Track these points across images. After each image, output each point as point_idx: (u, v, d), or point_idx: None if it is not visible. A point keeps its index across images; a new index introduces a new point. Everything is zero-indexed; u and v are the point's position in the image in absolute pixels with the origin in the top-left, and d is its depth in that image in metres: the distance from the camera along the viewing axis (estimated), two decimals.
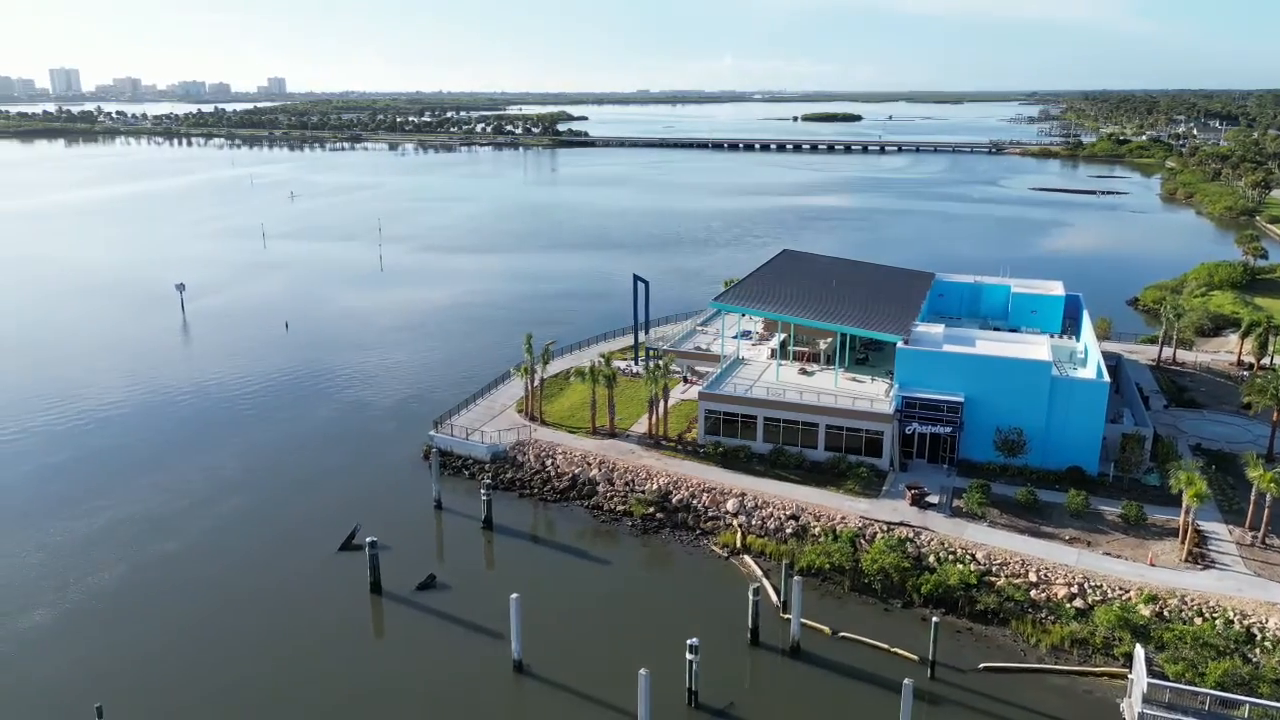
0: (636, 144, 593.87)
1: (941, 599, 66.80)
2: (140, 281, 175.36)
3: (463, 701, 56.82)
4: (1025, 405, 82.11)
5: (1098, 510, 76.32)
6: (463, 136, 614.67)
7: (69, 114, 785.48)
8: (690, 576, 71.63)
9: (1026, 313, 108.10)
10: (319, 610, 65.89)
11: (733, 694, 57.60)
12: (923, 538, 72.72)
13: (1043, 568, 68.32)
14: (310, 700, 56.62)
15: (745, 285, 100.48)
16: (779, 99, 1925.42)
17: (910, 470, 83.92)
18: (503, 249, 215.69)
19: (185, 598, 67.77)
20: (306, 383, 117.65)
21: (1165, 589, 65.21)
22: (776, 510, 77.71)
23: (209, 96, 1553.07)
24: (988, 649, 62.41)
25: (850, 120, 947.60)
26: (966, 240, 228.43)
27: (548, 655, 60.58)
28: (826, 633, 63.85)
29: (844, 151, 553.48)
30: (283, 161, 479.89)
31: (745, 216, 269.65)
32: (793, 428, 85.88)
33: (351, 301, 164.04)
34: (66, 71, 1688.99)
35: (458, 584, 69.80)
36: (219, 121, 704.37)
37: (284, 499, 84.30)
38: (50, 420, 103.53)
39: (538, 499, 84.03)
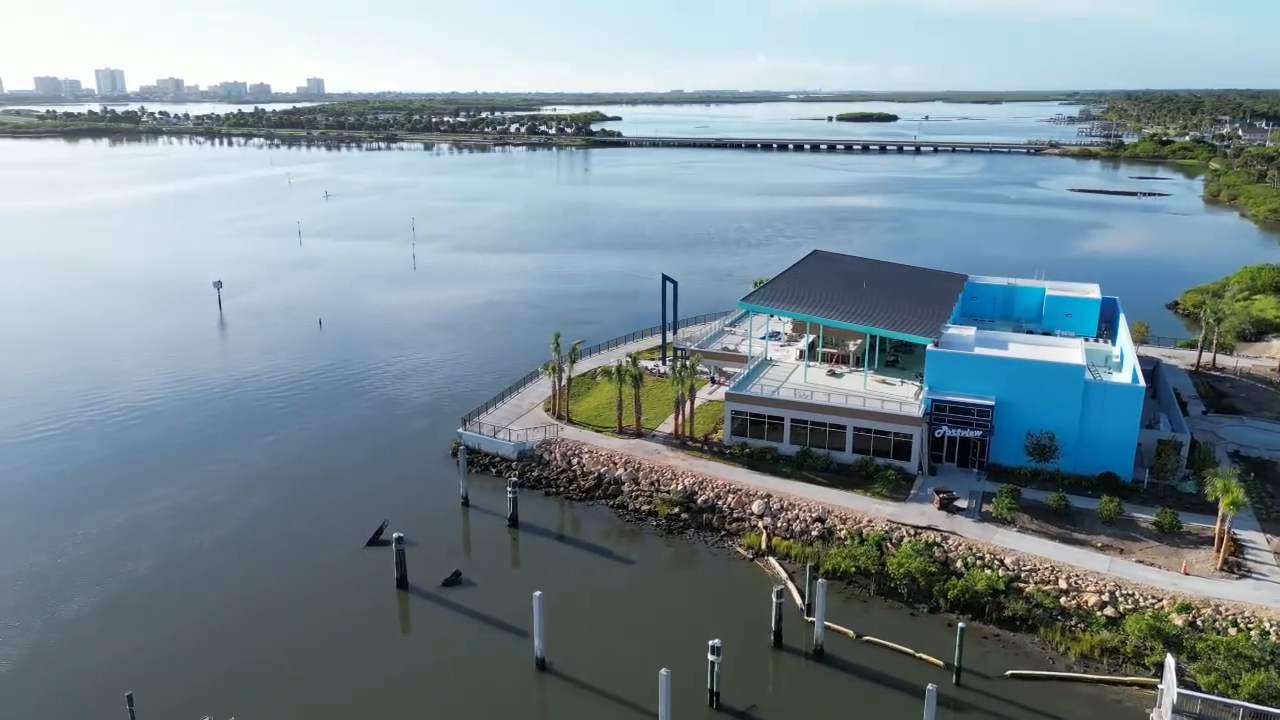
0: (669, 144, 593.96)
1: (968, 605, 66.02)
2: (179, 279, 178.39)
3: (485, 698, 57.10)
4: (1057, 409, 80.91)
5: (1131, 517, 75.02)
6: (497, 137, 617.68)
7: (113, 114, 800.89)
8: (714, 578, 71.44)
9: (1061, 316, 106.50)
10: (346, 604, 66.57)
11: (754, 696, 57.37)
12: (950, 542, 71.95)
13: (1073, 575, 67.28)
14: (335, 693, 57.21)
15: (773, 286, 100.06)
16: (814, 99, 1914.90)
17: (939, 474, 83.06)
18: (534, 249, 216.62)
19: (216, 590, 68.81)
20: (339, 379, 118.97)
21: (1199, 598, 63.94)
22: (802, 512, 77.28)
23: (249, 97, 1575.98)
24: (1015, 656, 61.58)
25: (886, 120, 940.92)
26: (1001, 242, 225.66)
27: (570, 653, 60.74)
28: (851, 636, 63.39)
29: (879, 152, 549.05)
30: (319, 161, 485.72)
31: (777, 217, 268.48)
32: (820, 429, 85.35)
33: (384, 300, 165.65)
34: (111, 72, 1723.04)
35: (483, 581, 70.20)
36: (258, 122, 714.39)
37: (314, 494, 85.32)
38: (90, 415, 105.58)
39: (563, 497, 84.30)
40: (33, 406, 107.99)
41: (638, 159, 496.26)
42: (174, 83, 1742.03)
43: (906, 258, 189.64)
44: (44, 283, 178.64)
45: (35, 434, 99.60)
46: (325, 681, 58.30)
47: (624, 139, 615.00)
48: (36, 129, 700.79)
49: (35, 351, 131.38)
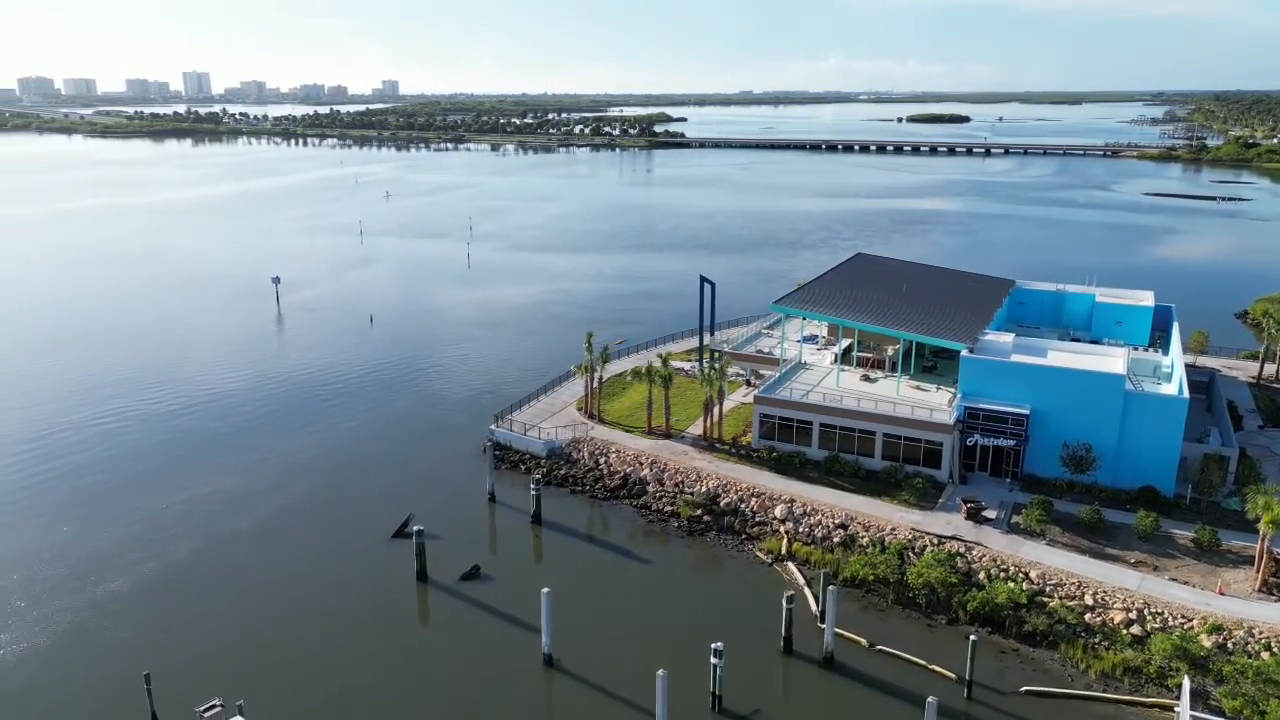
0: (732, 145, 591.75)
1: (988, 617, 64.52)
2: (242, 275, 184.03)
3: (489, 693, 57.76)
4: (1096, 420, 78.46)
5: (1169, 533, 72.38)
6: (561, 138, 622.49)
7: (197, 115, 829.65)
8: (730, 581, 71.07)
9: (1111, 324, 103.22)
10: (365, 595, 68.03)
11: (759, 701, 56.95)
12: (974, 553, 70.36)
13: (1101, 591, 65.20)
14: (342, 681, 58.47)
15: (809, 289, 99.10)
16: (885, 100, 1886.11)
17: (970, 483, 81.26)
18: (588, 249, 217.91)
19: (244, 575, 70.98)
20: (384, 375, 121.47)
21: (1232, 620, 61.41)
22: (825, 518, 76.40)
23: (327, 98, 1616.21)
24: (1032, 672, 59.96)
25: (958, 121, 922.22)
26: (1066, 247, 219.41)
27: (579, 651, 61.12)
28: (864, 645, 62.48)
29: (946, 154, 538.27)
30: (388, 161, 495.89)
31: (835, 219, 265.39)
32: (849, 435, 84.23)
33: (436, 297, 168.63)
34: (198, 75, 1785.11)
35: (501, 576, 71.03)
36: (332, 122, 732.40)
37: (348, 485, 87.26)
38: (149, 404, 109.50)
39: (589, 496, 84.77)
40: (98, 394, 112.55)
41: (699, 160, 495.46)
42: (256, 85, 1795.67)
43: (964, 261, 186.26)
44: (118, 277, 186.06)
45: (98, 421, 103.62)
46: (333, 669, 59.61)
47: (687, 140, 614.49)
48: (124, 129, 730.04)
49: (104, 342, 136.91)
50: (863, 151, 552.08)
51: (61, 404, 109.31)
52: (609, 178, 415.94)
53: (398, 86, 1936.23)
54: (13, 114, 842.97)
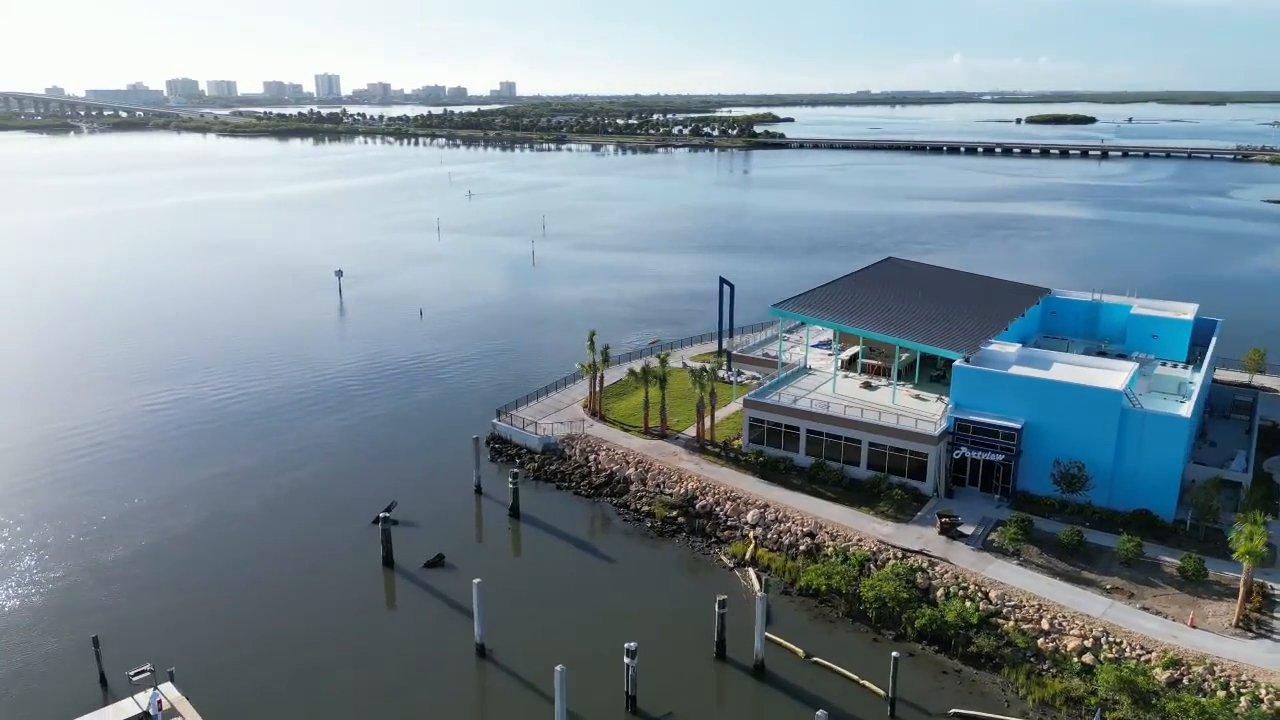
0: (833, 146, 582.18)
1: (936, 635, 62.47)
2: (316, 267, 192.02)
3: (418, 677, 59.37)
4: (1090, 437, 74.65)
5: (1155, 560, 68.35)
6: (659, 139, 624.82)
7: (319, 115, 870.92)
8: (684, 583, 70.83)
9: (1146, 337, 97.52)
10: (328, 576, 70.87)
11: (675, 704, 56.72)
12: (937, 569, 68.09)
13: (1060, 616, 62.19)
14: (281, 656, 60.98)
15: (816, 293, 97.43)
16: (1010, 100, 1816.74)
17: (957, 498, 78.55)
18: (653, 249, 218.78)
19: (226, 550, 74.91)
20: (420, 366, 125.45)
21: (1195, 654, 57.64)
22: (795, 525, 75.23)
23: (447, 100, 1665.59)
24: (968, 695, 57.81)
25: (1082, 123, 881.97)
26: (1156, 256, 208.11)
27: (513, 642, 62.19)
28: (800, 655, 61.47)
29: (1059, 156, 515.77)
30: (487, 160, 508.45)
31: (916, 222, 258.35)
32: (836, 442, 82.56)
33: (491, 292, 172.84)
34: (329, 77, 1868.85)
35: (464, 566, 72.57)
36: (442, 123, 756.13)
37: (354, 471, 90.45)
38: (194, 386, 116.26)
39: (573, 492, 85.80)
40: (151, 375, 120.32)
41: (797, 161, 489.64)
42: (382, 86, 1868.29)
43: (1039, 269, 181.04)
44: (205, 267, 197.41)
45: (147, 404, 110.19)
46: (275, 646, 62.13)
47: (786, 141, 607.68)
48: (253, 128, 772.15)
49: (172, 328, 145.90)
50: (969, 154, 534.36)
51: (117, 382, 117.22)
52: (698, 178, 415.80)
53: (514, 88, 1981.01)
54: (154, 114, 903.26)
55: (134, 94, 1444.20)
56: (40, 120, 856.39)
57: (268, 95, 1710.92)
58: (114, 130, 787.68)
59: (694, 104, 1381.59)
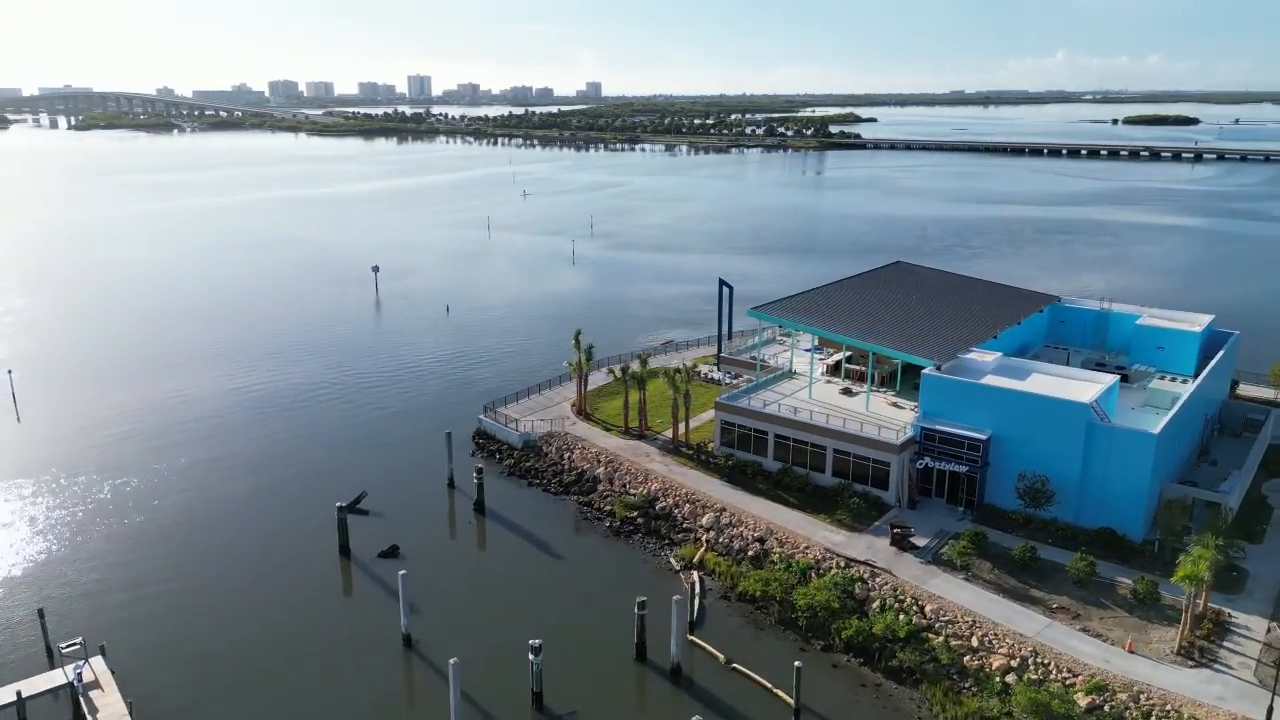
0: (910, 147, 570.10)
1: (861, 647, 61.31)
2: (362, 263, 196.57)
3: (342, 664, 60.72)
4: (1057, 451, 72.02)
5: (1110, 580, 65.63)
6: (732, 139, 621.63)
7: (403, 115, 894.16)
8: (627, 584, 70.30)
9: (1152, 349, 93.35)
10: (282, 563, 73.15)
11: (580, 703, 56.99)
12: (878, 580, 66.71)
13: (992, 634, 60.31)
14: (216, 639, 63.10)
15: (802, 297, 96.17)
16: (1113, 99, 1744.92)
17: (920, 509, 76.68)
18: (692, 249, 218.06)
19: (196, 534, 78.08)
20: (432, 361, 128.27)
21: (1123, 680, 55.21)
22: (747, 530, 74.63)
23: (534, 100, 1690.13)
24: (882, 709, 56.62)
25: (1184, 124, 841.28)
26: (1217, 264, 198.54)
27: (440, 634, 63.38)
28: (720, 660, 61.08)
29: (1149, 158, 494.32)
30: (558, 160, 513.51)
31: (972, 225, 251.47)
32: (802, 448, 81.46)
33: (523, 290, 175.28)
34: (420, 78, 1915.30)
35: (417, 557, 74.21)
36: (519, 123, 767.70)
37: (340, 461, 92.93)
38: (219, 375, 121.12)
39: (542, 489, 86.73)
40: (176, 367, 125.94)
41: (869, 162, 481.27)
42: (471, 87, 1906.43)
43: (1083, 275, 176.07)
44: (259, 260, 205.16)
45: (172, 394, 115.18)
46: (212, 629, 64.33)
47: (862, 141, 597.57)
48: (340, 128, 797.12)
49: (214, 317, 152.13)
50: (1052, 155, 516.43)
51: (142, 371, 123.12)
52: (761, 179, 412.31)
53: (600, 88, 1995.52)
54: (251, 114, 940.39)
55: (237, 95, 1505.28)
56: (145, 120, 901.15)
57: (362, 95, 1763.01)
58: (212, 130, 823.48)
59: (778, 104, 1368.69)
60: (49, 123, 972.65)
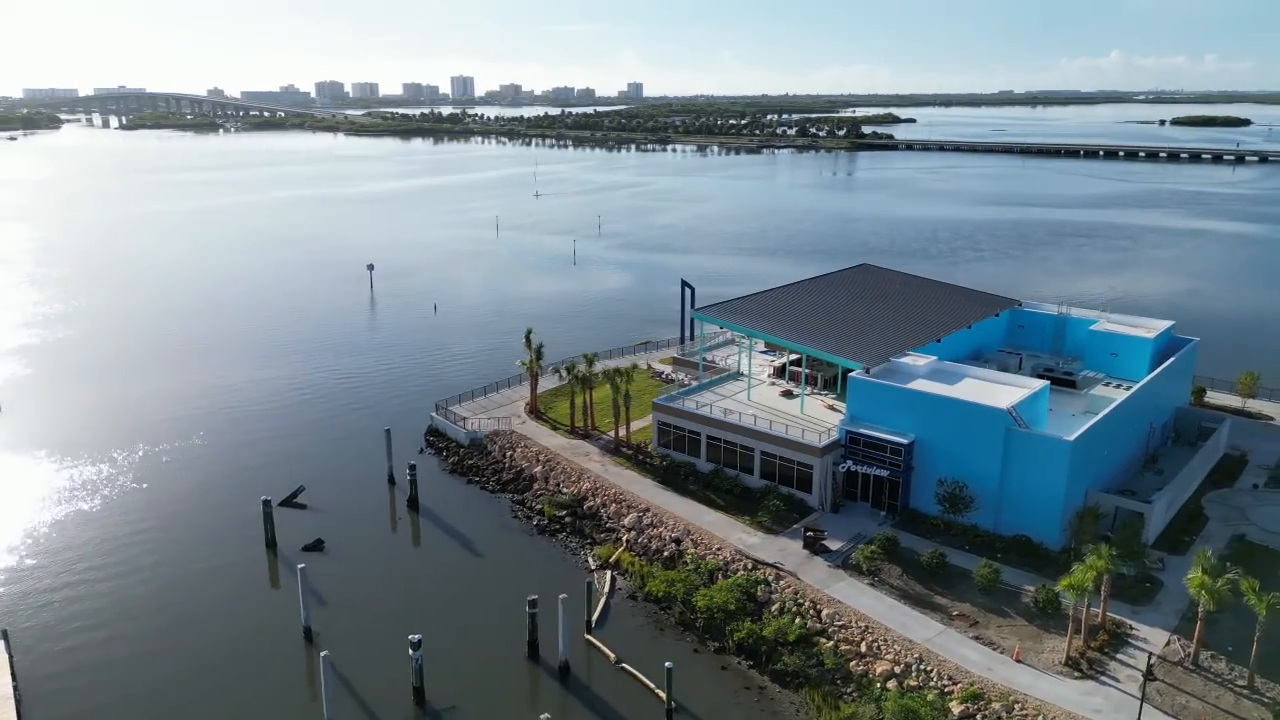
0: (943, 148, 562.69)
1: (751, 650, 61.21)
2: (363, 261, 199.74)
3: (236, 655, 61.98)
4: (976, 457, 71.15)
5: (1017, 588, 64.69)
6: (763, 140, 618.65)
7: (439, 115, 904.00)
8: (538, 582, 70.43)
9: (1105, 354, 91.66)
10: (205, 555, 74.78)
11: (463, 699, 57.62)
12: (781, 583, 66.51)
13: (882, 639, 59.86)
14: (124, 628, 64.96)
15: (749, 299, 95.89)
16: (1167, 100, 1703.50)
17: (844, 512, 76.23)
18: (698, 250, 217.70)
19: (129, 525, 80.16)
20: (410, 357, 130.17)
21: (1001, 690, 54.51)
22: (665, 531, 74.80)
23: (576, 101, 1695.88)
24: (760, 712, 56.58)
25: (1235, 125, 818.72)
26: (1232, 273, 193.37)
27: (342, 628, 64.42)
28: (611, 660, 61.38)
29: (1188, 161, 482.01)
30: (585, 160, 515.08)
31: (986, 228, 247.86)
32: (732, 450, 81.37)
33: (517, 288, 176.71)
34: (463, 79, 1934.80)
35: (342, 552, 75.60)
36: (552, 124, 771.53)
37: (296, 454, 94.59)
38: (208, 371, 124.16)
39: (480, 487, 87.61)
40: (165, 363, 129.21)
41: (900, 163, 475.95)
42: (513, 88, 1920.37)
43: (1084, 279, 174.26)
44: (266, 258, 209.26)
45: (145, 389, 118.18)
46: (123, 618, 66.16)
47: (894, 142, 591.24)
48: (378, 128, 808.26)
49: (208, 314, 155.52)
50: (1088, 157, 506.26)
51: (125, 363, 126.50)
52: (786, 180, 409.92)
53: (642, 89, 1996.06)
54: (293, 114, 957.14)
55: (284, 96, 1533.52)
56: (191, 120, 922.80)
57: (406, 96, 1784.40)
58: (255, 130, 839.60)
59: (819, 104, 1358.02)
60: (101, 122, 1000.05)
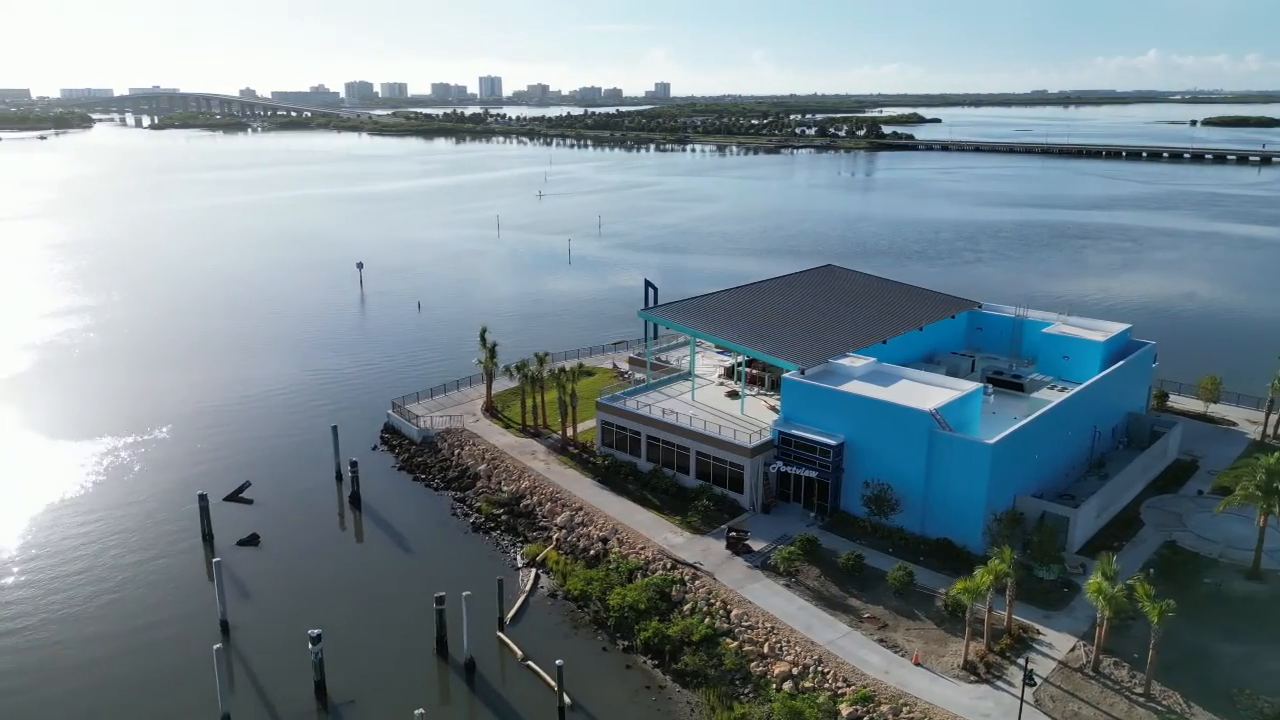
0: (963, 149, 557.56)
1: (657, 649, 61.37)
2: (359, 259, 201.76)
3: (152, 646, 63.02)
4: (901, 459, 70.78)
5: (932, 592, 64.28)
6: (782, 139, 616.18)
7: (461, 115, 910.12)
8: (456, 579, 70.09)
9: (1058, 357, 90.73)
10: (140, 546, 76.07)
11: (362, 694, 58.10)
12: (697, 583, 66.57)
13: (785, 640, 59.77)
14: (41, 616, 66.44)
15: (698, 300, 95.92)
16: (1204, 99, 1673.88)
17: (776, 513, 76.12)
18: (694, 250, 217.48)
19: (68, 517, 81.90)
20: (388, 355, 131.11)
21: (892, 693, 54.28)
22: (594, 530, 75.10)
23: (603, 101, 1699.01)
24: (654, 712, 56.74)
25: (1269, 125, 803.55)
26: (1238, 275, 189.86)
27: (256, 622, 65.41)
28: (518, 657, 61.81)
29: (1212, 162, 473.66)
30: (601, 160, 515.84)
31: (990, 229, 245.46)
32: (670, 450, 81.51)
33: (507, 288, 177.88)
34: (491, 79, 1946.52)
35: (276, 546, 76.65)
36: (572, 124, 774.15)
37: (249, 450, 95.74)
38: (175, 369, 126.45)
39: (425, 485, 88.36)
40: (148, 360, 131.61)
41: (918, 164, 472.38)
42: (541, 88, 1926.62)
43: (1078, 281, 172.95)
44: (266, 256, 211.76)
45: (121, 384, 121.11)
46: (43, 609, 67.45)
47: (914, 143, 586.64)
48: (401, 128, 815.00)
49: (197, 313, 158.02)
50: (1111, 158, 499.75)
51: (105, 360, 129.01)
52: (800, 180, 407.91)
53: (669, 89, 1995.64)
54: (319, 114, 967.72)
55: (314, 96, 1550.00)
56: (220, 119, 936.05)
57: (434, 96, 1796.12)
58: (281, 129, 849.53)
59: (846, 104, 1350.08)
60: (134, 121, 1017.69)
